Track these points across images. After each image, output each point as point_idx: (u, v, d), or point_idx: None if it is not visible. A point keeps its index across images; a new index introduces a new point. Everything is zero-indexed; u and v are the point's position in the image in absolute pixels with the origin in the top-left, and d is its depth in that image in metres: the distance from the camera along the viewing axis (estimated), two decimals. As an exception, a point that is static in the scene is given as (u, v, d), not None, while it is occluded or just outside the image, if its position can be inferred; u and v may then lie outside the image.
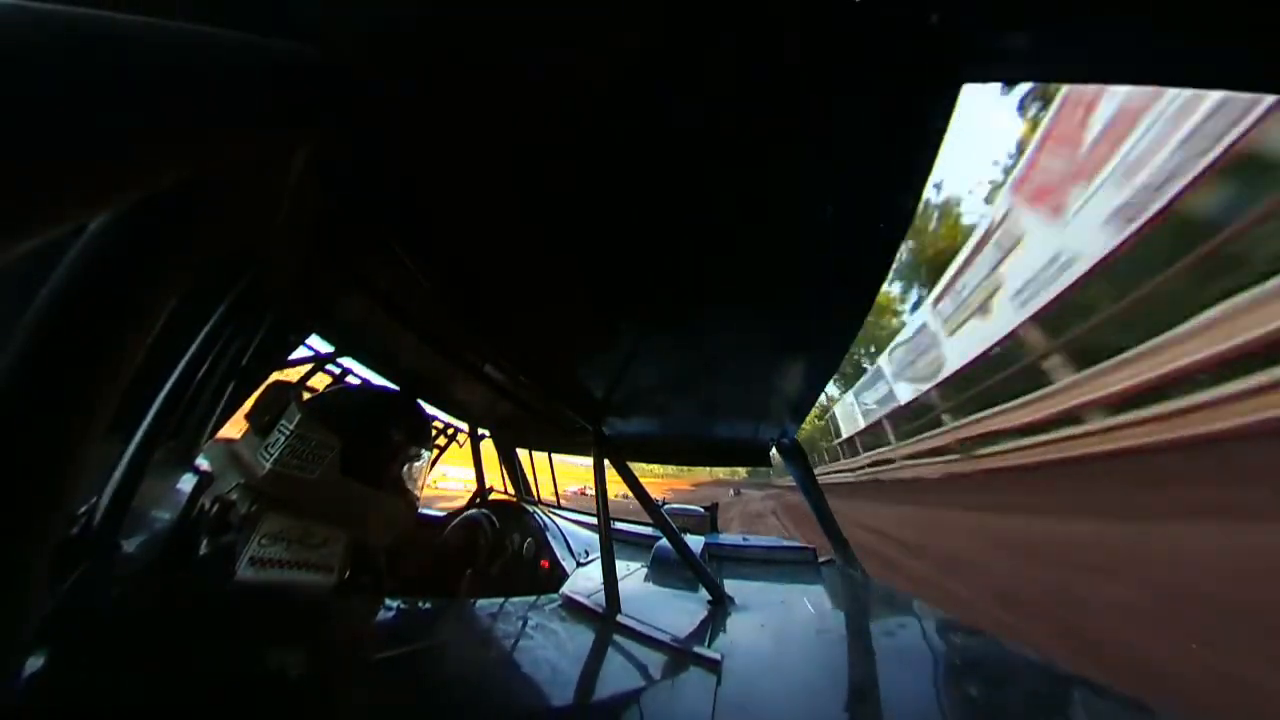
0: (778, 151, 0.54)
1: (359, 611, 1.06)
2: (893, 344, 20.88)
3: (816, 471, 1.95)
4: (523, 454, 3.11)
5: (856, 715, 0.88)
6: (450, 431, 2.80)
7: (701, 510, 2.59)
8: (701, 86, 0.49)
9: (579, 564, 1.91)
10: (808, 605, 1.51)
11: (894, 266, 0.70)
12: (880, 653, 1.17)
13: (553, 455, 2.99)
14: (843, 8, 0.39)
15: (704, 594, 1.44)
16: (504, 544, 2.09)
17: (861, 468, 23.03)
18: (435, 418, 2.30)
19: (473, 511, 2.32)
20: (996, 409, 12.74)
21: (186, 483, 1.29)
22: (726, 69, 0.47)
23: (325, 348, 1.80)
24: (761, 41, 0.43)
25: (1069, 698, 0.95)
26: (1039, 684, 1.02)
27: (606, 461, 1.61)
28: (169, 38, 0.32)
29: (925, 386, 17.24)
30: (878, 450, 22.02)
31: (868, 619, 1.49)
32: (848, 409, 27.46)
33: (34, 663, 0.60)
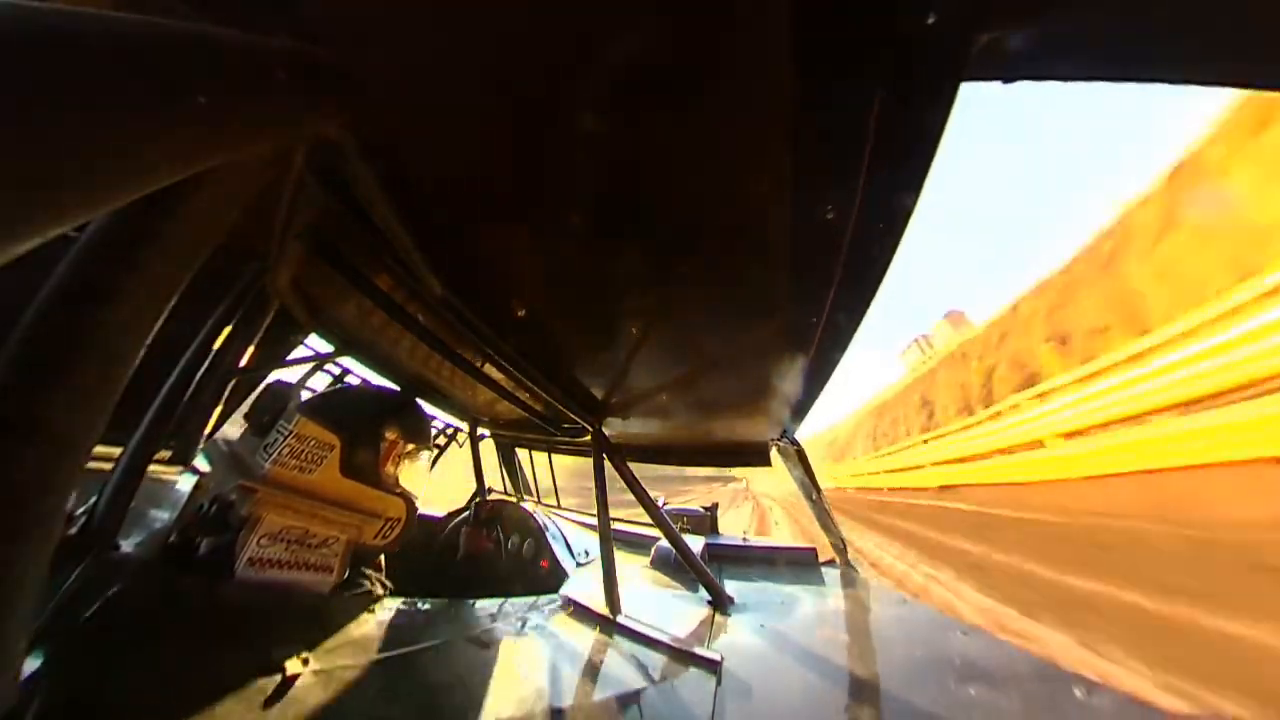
0: (777, 150, 0.54)
1: (358, 611, 1.06)
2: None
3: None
4: (522, 454, 3.11)
5: (856, 716, 0.88)
6: (450, 431, 2.80)
7: (702, 511, 2.58)
8: (700, 85, 0.49)
9: (579, 564, 1.91)
10: (808, 606, 1.50)
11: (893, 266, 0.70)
12: (880, 653, 1.17)
13: (552, 455, 2.99)
14: (840, 5, 0.39)
15: (704, 595, 1.44)
16: (504, 544, 2.09)
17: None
18: (435, 418, 2.30)
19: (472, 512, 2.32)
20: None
21: (186, 483, 1.29)
22: (725, 68, 0.47)
23: (325, 348, 1.80)
24: (758, 41, 0.43)
25: (1069, 697, 0.95)
26: (1039, 684, 1.02)
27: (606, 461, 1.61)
28: (171, 38, 0.32)
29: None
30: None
31: (868, 619, 1.49)
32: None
33: (34, 663, 0.60)
